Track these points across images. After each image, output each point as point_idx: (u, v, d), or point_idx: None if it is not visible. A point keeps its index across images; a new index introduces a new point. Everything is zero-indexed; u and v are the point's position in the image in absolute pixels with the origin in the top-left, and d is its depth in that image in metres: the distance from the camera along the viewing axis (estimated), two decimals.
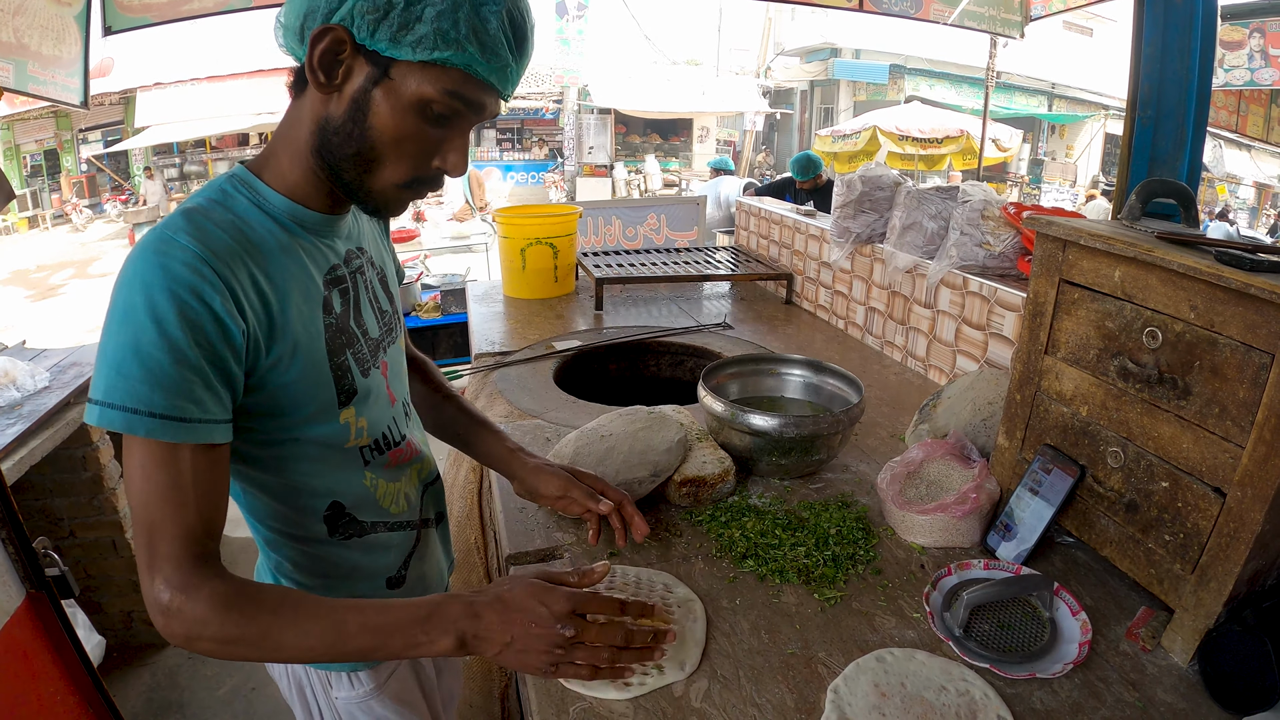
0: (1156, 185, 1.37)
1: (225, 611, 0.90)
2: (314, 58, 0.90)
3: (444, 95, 0.92)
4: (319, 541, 1.14)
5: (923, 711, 1.02)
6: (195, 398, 0.88)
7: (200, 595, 0.89)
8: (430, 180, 1.02)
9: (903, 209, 2.39)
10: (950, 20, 3.60)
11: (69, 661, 1.72)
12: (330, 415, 1.07)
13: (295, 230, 1.03)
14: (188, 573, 0.90)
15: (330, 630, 0.93)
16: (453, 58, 0.90)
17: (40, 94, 2.66)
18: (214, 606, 0.89)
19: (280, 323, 0.98)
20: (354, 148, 0.95)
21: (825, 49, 21.58)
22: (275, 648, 0.93)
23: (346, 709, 1.24)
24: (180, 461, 0.89)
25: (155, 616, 0.90)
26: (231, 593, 0.91)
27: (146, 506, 0.89)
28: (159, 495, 0.89)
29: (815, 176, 6.12)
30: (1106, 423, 1.27)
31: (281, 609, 0.93)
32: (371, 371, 1.14)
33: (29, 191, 17.25)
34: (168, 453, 0.88)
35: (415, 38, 0.88)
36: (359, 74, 0.92)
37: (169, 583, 0.89)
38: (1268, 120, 9.57)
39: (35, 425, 2.40)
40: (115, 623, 3.08)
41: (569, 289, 3.32)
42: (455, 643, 0.96)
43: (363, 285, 1.15)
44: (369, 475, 1.17)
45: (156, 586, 0.89)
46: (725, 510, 1.52)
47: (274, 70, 16.91)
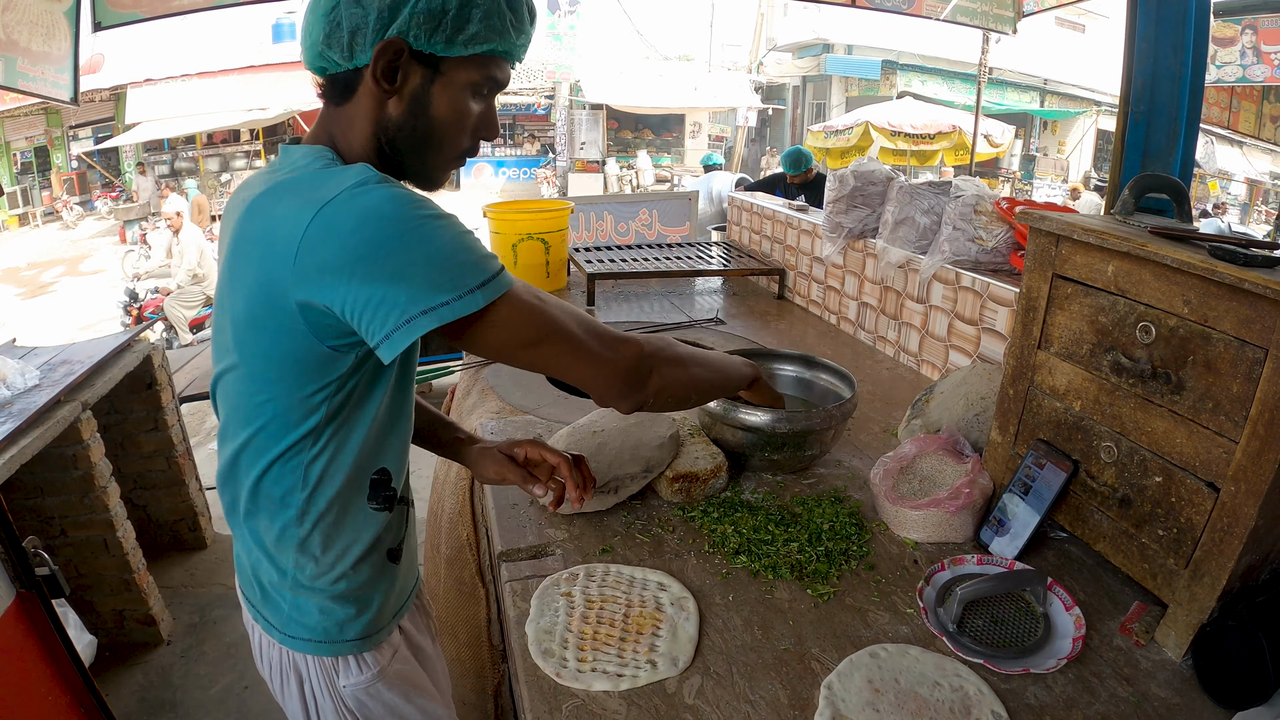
0: (1149, 180, 1.37)
1: (657, 358, 1.16)
2: (378, 69, 1.00)
3: (486, 79, 1.06)
4: (361, 511, 1.16)
5: (917, 707, 1.02)
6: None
7: (638, 351, 1.12)
8: (473, 149, 1.14)
9: (895, 204, 2.38)
10: (943, 16, 3.60)
11: (60, 661, 1.71)
12: (410, 369, 1.20)
13: None
14: (617, 343, 1.11)
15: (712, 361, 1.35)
16: (497, 46, 1.03)
17: (30, 90, 2.65)
18: (652, 357, 1.15)
19: None
20: (420, 137, 1.07)
21: (817, 44, 21.56)
22: (697, 376, 1.28)
23: (354, 696, 1.22)
24: (529, 289, 1.04)
25: (623, 393, 1.14)
26: (653, 346, 1.17)
27: (555, 322, 1.04)
28: (561, 309, 1.06)
29: (806, 170, 6.11)
30: (1100, 418, 1.27)
31: (679, 349, 1.25)
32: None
33: (19, 189, 17.18)
34: (523, 290, 1.02)
35: (467, 36, 1.00)
36: (415, 75, 1.02)
37: (616, 348, 1.10)
38: (1259, 117, 9.60)
39: (25, 424, 2.39)
40: (107, 622, 3.06)
41: (561, 284, 3.31)
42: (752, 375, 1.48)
43: None
44: (402, 450, 1.25)
45: (608, 366, 1.09)
46: (718, 506, 1.52)
47: (264, 66, 16.89)
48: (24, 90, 2.63)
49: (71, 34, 2.71)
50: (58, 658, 1.71)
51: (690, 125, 23.13)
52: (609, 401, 1.15)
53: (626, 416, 1.62)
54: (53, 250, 14.51)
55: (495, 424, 1.90)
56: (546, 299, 1.05)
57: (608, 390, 1.12)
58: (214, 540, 3.85)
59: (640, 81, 20.97)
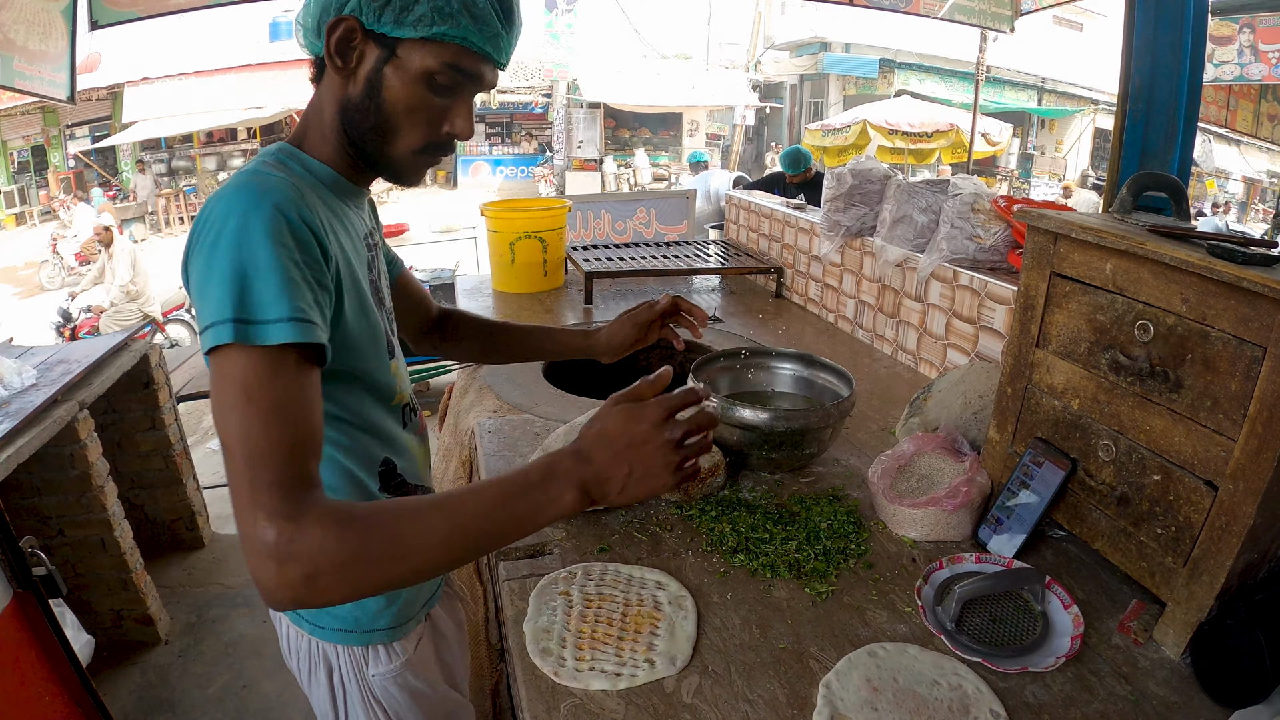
0: (1148, 179, 1.37)
1: (343, 527, 0.84)
2: (330, 46, 1.01)
3: (444, 67, 1.02)
4: (371, 497, 1.17)
5: (915, 706, 1.02)
6: (308, 302, 0.91)
7: (312, 516, 0.84)
8: (443, 145, 1.11)
9: (893, 202, 2.38)
10: (941, 14, 3.60)
11: (57, 661, 1.71)
12: (385, 365, 1.17)
13: (340, 195, 1.13)
14: (295, 499, 0.84)
15: (452, 516, 0.90)
16: (449, 32, 0.99)
17: (27, 89, 2.64)
18: (329, 525, 0.84)
19: (349, 264, 1.07)
20: (372, 121, 1.05)
21: (815, 43, 21.56)
22: (401, 555, 0.87)
23: (381, 685, 1.25)
24: (285, 375, 0.88)
25: (265, 567, 0.81)
26: (342, 508, 0.87)
27: (247, 435, 0.85)
28: (261, 418, 0.85)
29: (805, 170, 6.12)
30: (1098, 416, 1.27)
31: (397, 510, 0.89)
32: (394, 333, 1.26)
33: (16, 188, 17.13)
34: (271, 366, 0.87)
35: (415, 17, 0.97)
36: (370, 56, 1.02)
37: (276, 514, 0.82)
38: (1257, 115, 9.60)
39: (22, 423, 2.38)
40: (105, 621, 3.06)
41: (558, 283, 3.31)
42: (578, 494, 0.94)
43: (380, 257, 1.28)
44: (410, 439, 1.27)
45: (260, 527, 0.82)
46: (716, 505, 1.52)
47: (262, 65, 16.86)
48: (21, 89, 2.62)
49: (68, 32, 2.71)
50: (55, 657, 1.70)
51: (688, 124, 23.11)
52: (255, 582, 0.84)
53: None
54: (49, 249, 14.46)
55: (492, 423, 1.90)
56: (260, 400, 0.86)
57: (247, 558, 0.84)
58: (212, 539, 3.84)
59: (638, 80, 20.94)
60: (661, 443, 0.96)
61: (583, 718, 1.01)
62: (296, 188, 0.97)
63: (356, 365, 1.10)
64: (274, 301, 0.87)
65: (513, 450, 1.75)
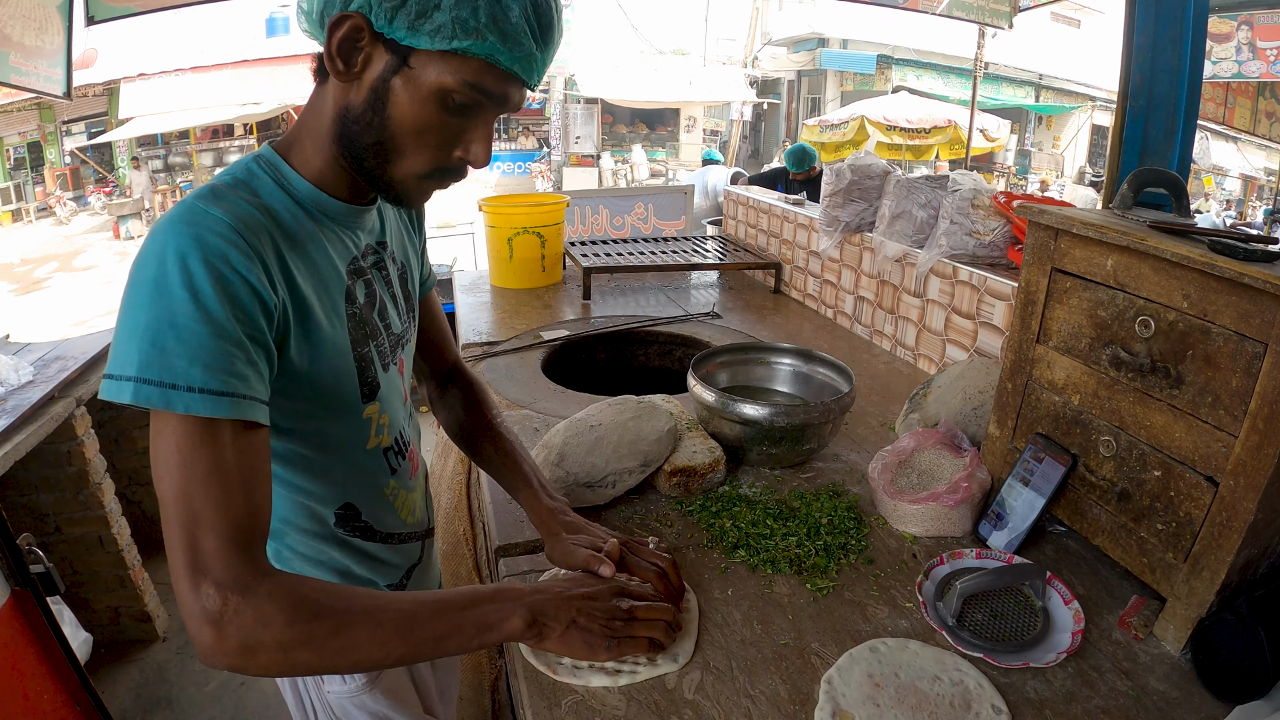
0: (1148, 175, 1.37)
1: (291, 608, 0.82)
2: (332, 45, 0.88)
3: (464, 86, 0.89)
4: (327, 536, 1.12)
5: (917, 701, 1.02)
6: (237, 372, 0.83)
7: (259, 591, 0.81)
8: (453, 171, 0.99)
9: (892, 198, 2.38)
10: (939, 10, 3.60)
11: (55, 659, 1.70)
12: (353, 409, 1.06)
13: (319, 217, 1.01)
14: (241, 569, 0.82)
15: (404, 616, 0.89)
16: (472, 47, 0.87)
17: (22, 85, 2.64)
18: (277, 603, 0.82)
19: (305, 304, 0.95)
20: (374, 137, 0.93)
21: (812, 39, 21.57)
22: (345, 647, 0.86)
23: (339, 704, 1.21)
24: (222, 442, 0.82)
25: (202, 631, 0.80)
26: (292, 586, 0.84)
27: (186, 497, 0.81)
28: (200, 482, 0.81)
29: (810, 168, 6.13)
30: (1098, 412, 1.27)
31: (349, 598, 0.88)
32: (391, 367, 1.14)
33: (12, 184, 17.10)
34: (208, 433, 0.82)
35: (433, 26, 0.85)
36: (378, 62, 0.89)
37: (220, 584, 0.80)
38: (1254, 112, 9.62)
39: (19, 420, 2.38)
40: (102, 619, 3.06)
41: (556, 278, 3.31)
42: (526, 619, 0.97)
43: (382, 280, 1.14)
44: (392, 484, 1.17)
45: (204, 593, 0.80)
46: (716, 500, 1.52)
47: (258, 60, 16.83)
48: (16, 85, 2.62)
49: (64, 28, 2.70)
50: (53, 655, 1.70)
51: (685, 119, 23.12)
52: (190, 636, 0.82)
53: (623, 410, 1.62)
54: (46, 246, 14.45)
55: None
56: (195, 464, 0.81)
57: (185, 619, 0.81)
58: None
59: (635, 76, 20.95)
60: (608, 606, 1.04)
61: (584, 714, 1.01)
62: (242, 222, 0.87)
63: (314, 413, 1.02)
64: (190, 369, 0.80)
65: None
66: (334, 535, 1.11)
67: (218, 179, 0.95)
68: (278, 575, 0.85)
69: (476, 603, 0.95)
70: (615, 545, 1.18)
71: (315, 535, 1.11)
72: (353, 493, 1.11)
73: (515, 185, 20.07)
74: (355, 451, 1.09)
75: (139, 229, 15.13)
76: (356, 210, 1.06)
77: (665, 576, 1.17)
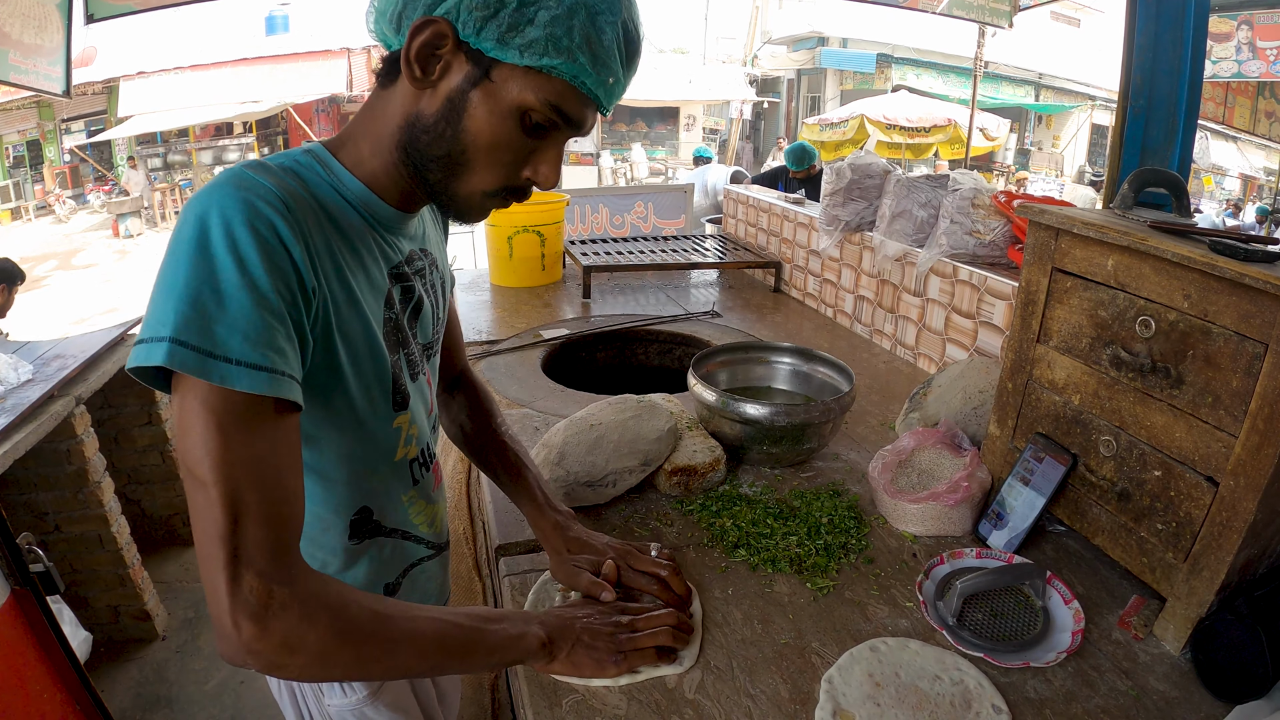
0: (1149, 174, 1.37)
1: (334, 613, 0.79)
2: (412, 50, 0.85)
3: (545, 105, 0.87)
4: (337, 547, 1.07)
5: (917, 701, 1.02)
6: (278, 347, 0.78)
7: (305, 590, 0.78)
8: (519, 191, 0.97)
9: (892, 197, 2.38)
10: (939, 9, 3.60)
11: (55, 658, 1.70)
12: (384, 418, 1.02)
13: (367, 218, 0.98)
14: (286, 562, 0.78)
15: (441, 624, 0.89)
16: (561, 66, 0.85)
17: (22, 83, 2.64)
18: (323, 605, 0.79)
19: (347, 300, 0.92)
20: (444, 149, 0.90)
21: (812, 38, 21.55)
22: (383, 654, 0.84)
23: (340, 716, 1.19)
24: (265, 423, 0.78)
25: (243, 626, 0.76)
26: (335, 591, 0.82)
27: (229, 481, 0.76)
28: (245, 465, 0.77)
29: (810, 166, 6.13)
30: (1099, 411, 1.27)
31: (384, 605, 0.86)
32: (419, 376, 1.11)
33: (11, 183, 17.08)
34: (251, 411, 0.77)
35: (525, 41, 0.83)
36: (458, 72, 0.86)
37: (266, 576, 0.76)
38: (1254, 112, 9.63)
39: (19, 419, 2.38)
40: (102, 618, 3.06)
41: (556, 277, 3.31)
42: (540, 640, 1.00)
43: (423, 288, 1.10)
44: (411, 493, 1.13)
45: (247, 585, 0.75)
46: (716, 499, 1.52)
47: (257, 59, 16.82)
48: (16, 83, 2.62)
49: (64, 26, 2.70)
50: (53, 654, 1.70)
51: (685, 118, 23.10)
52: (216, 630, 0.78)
53: (623, 409, 1.62)
54: (45, 244, 14.42)
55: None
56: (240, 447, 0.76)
57: (219, 612, 0.76)
58: None
59: None
60: (610, 623, 1.08)
61: (584, 713, 1.01)
62: (292, 197, 0.83)
63: (343, 422, 0.97)
64: (229, 337, 0.75)
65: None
66: (345, 545, 1.06)
67: (265, 159, 0.90)
68: (318, 574, 0.83)
69: (497, 620, 0.97)
70: (612, 567, 1.20)
71: (327, 547, 1.06)
72: (371, 499, 1.07)
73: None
74: (381, 463, 1.05)
75: (138, 227, 15.11)
76: (404, 216, 1.03)
77: (667, 585, 1.18)
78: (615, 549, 1.23)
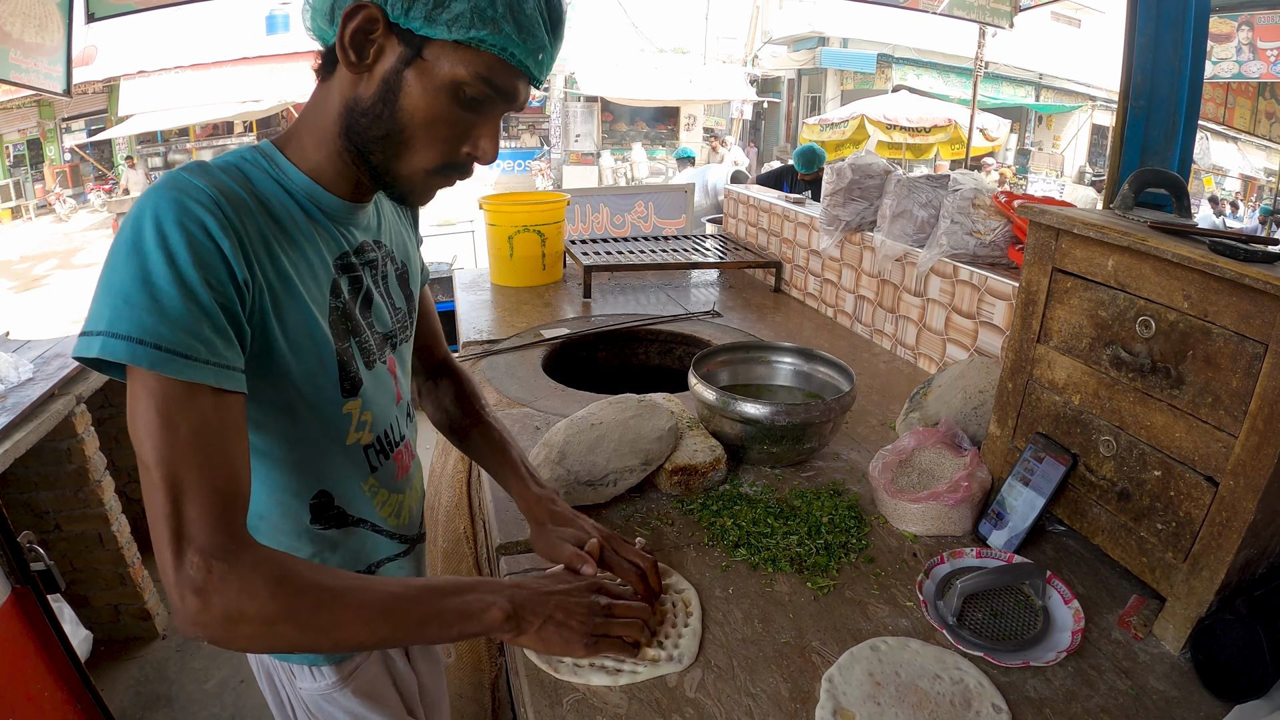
0: (1149, 175, 1.37)
1: (275, 581, 0.82)
2: (345, 35, 0.88)
3: (476, 79, 0.91)
4: (300, 532, 1.09)
5: (917, 700, 1.02)
6: (204, 337, 0.82)
7: (244, 562, 0.81)
8: (460, 167, 1.00)
9: (893, 197, 2.38)
10: (939, 9, 3.60)
11: (55, 657, 1.71)
12: (332, 403, 1.04)
13: (311, 210, 1.01)
14: (225, 538, 0.81)
15: (389, 599, 0.89)
16: (488, 38, 0.88)
17: (22, 82, 2.64)
18: (262, 575, 0.81)
19: (285, 290, 0.94)
20: (383, 129, 0.94)
21: (813, 38, 21.54)
22: (329, 624, 0.85)
23: (312, 700, 1.21)
24: (202, 407, 0.82)
25: (187, 600, 0.79)
26: (278, 560, 0.84)
27: (168, 463, 0.80)
28: (183, 448, 0.81)
29: (818, 170, 6.14)
30: (1099, 411, 1.27)
31: (333, 576, 0.88)
32: (377, 365, 1.12)
33: (12, 181, 17.09)
34: (188, 397, 0.81)
35: (451, 16, 0.86)
36: (391, 53, 0.90)
37: (205, 552, 0.80)
38: (1254, 113, 9.63)
39: (19, 418, 2.38)
40: (102, 616, 3.06)
41: (557, 277, 3.31)
42: (505, 612, 0.96)
43: (375, 278, 1.13)
44: (371, 481, 1.14)
45: (189, 561, 0.79)
46: (717, 499, 1.52)
47: (258, 58, 16.83)
48: (16, 82, 2.62)
49: (64, 25, 2.70)
50: (53, 653, 1.70)
51: (685, 118, 23.09)
52: (172, 605, 0.82)
53: (624, 409, 1.62)
54: (46, 243, 14.44)
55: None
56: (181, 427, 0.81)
57: (167, 586, 0.81)
58: None
59: (635, 74, 20.93)
60: (586, 602, 1.04)
61: (585, 712, 1.01)
62: (225, 196, 0.87)
63: (291, 406, 1.00)
64: (158, 326, 0.80)
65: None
66: (308, 530, 1.09)
67: (212, 160, 0.95)
68: (261, 547, 0.85)
69: (459, 591, 0.96)
70: (596, 544, 1.18)
71: (290, 533, 1.09)
72: (329, 483, 1.09)
73: (515, 183, 20.05)
74: (333, 446, 1.07)
75: None
76: (351, 207, 1.06)
77: (645, 577, 1.17)
78: (600, 530, 1.24)
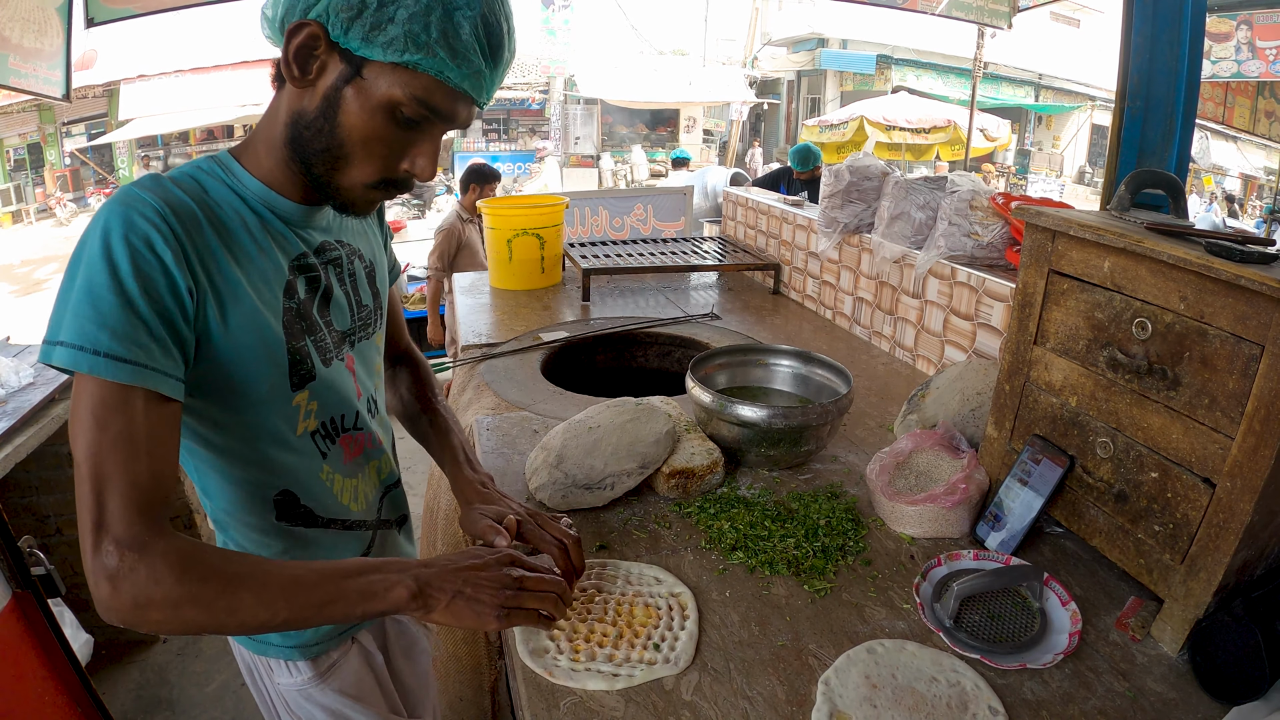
0: (1146, 176, 1.37)
1: (181, 568, 0.86)
2: (289, 51, 0.92)
3: (413, 100, 0.94)
4: (268, 528, 1.14)
5: (914, 703, 1.02)
6: (140, 343, 0.87)
7: (154, 551, 0.86)
8: (399, 183, 1.04)
9: (891, 199, 2.38)
10: (938, 10, 3.61)
11: (56, 661, 1.70)
12: (282, 398, 1.08)
13: (265, 215, 1.05)
14: (139, 529, 0.86)
15: (289, 582, 0.92)
16: (423, 62, 0.91)
17: (22, 87, 2.64)
18: (169, 563, 0.86)
19: (231, 293, 0.98)
20: (324, 143, 0.97)
21: (812, 39, 21.58)
22: (231, 607, 0.89)
23: (290, 695, 1.24)
24: (132, 409, 0.87)
25: (100, 586, 0.85)
26: (185, 548, 0.89)
27: (95, 457, 0.86)
28: (110, 445, 0.87)
29: (814, 168, 6.14)
30: (1096, 413, 1.27)
31: (238, 563, 0.92)
32: (334, 362, 1.16)
33: (12, 185, 17.10)
34: (119, 399, 0.87)
35: (387, 39, 0.90)
36: (332, 71, 0.94)
37: (119, 542, 0.85)
38: (1254, 112, 9.63)
39: (20, 422, 2.38)
40: (103, 620, 3.04)
41: (556, 280, 3.31)
42: (410, 590, 0.97)
43: (339, 275, 1.17)
44: (326, 469, 1.18)
45: (104, 550, 0.85)
46: (714, 502, 1.52)
47: (258, 61, 16.84)
48: (16, 87, 2.63)
49: (64, 30, 2.71)
50: (54, 657, 1.70)
51: (685, 120, 23.14)
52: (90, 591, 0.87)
53: (622, 412, 1.62)
54: (46, 247, 14.44)
55: (490, 420, 1.90)
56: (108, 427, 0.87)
57: (87, 573, 0.87)
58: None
59: (635, 76, 20.96)
60: (496, 575, 1.03)
61: (582, 715, 1.01)
62: (171, 208, 0.92)
63: (242, 403, 1.04)
64: (99, 334, 0.85)
65: (511, 448, 1.75)
66: (275, 526, 1.14)
67: (169, 172, 1.00)
68: (174, 537, 0.89)
69: (363, 572, 0.97)
70: (513, 521, 1.21)
71: (258, 528, 1.14)
72: (289, 480, 1.13)
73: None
74: (286, 437, 1.11)
75: None
76: (308, 210, 1.10)
77: (567, 553, 1.19)
78: (526, 509, 1.26)
